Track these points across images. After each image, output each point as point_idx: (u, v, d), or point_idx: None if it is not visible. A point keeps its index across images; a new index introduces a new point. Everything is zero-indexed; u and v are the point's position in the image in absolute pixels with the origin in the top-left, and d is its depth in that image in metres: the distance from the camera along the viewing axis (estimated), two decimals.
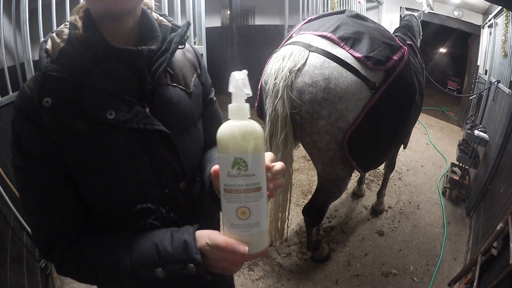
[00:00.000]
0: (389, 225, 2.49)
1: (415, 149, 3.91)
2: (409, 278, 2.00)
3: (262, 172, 0.43)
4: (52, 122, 0.51)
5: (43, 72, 0.51)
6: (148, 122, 0.54)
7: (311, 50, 1.37)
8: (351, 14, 1.55)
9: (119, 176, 0.55)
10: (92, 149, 0.52)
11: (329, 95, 1.32)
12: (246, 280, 1.93)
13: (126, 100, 0.53)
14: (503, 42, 3.13)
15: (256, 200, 0.43)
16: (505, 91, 2.74)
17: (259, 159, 0.43)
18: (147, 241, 0.51)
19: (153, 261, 0.49)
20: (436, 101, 6.13)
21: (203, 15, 2.30)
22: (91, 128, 0.52)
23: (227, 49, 5.13)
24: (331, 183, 1.63)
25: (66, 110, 0.51)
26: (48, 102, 0.50)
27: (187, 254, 0.47)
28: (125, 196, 0.57)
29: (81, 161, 0.53)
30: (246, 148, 0.42)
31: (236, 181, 0.42)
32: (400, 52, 1.42)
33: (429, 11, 4.34)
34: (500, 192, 2.02)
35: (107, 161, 0.54)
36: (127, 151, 0.54)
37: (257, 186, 0.42)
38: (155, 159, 0.57)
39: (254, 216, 0.43)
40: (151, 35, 0.57)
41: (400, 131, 1.59)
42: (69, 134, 0.51)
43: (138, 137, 0.55)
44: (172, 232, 0.52)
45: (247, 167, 0.42)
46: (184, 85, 0.63)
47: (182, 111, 0.62)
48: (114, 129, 0.53)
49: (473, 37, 4.86)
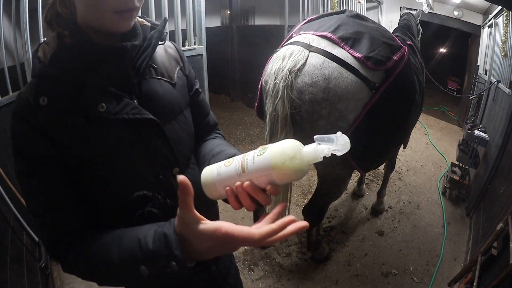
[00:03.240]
0: (389, 225, 2.49)
1: (415, 149, 3.91)
2: (409, 278, 2.00)
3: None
4: (49, 120, 0.54)
5: (39, 74, 0.55)
6: (137, 112, 0.58)
7: (311, 50, 1.37)
8: (351, 14, 1.55)
9: (115, 166, 0.58)
10: (88, 142, 0.56)
11: (329, 95, 1.32)
12: (246, 280, 1.93)
13: (115, 94, 0.57)
14: (503, 42, 3.13)
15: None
16: (505, 91, 2.74)
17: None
18: (132, 236, 0.50)
19: (136, 258, 0.47)
20: (436, 101, 6.12)
21: (203, 15, 2.30)
22: (86, 122, 0.55)
23: (227, 49, 5.13)
24: (331, 183, 1.63)
25: (61, 107, 0.54)
26: (44, 100, 0.53)
27: (167, 249, 0.45)
28: (123, 185, 0.60)
29: (79, 155, 0.56)
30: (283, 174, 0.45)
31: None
32: (400, 52, 1.42)
33: (429, 11, 4.34)
34: (500, 192, 2.02)
35: (103, 152, 0.57)
36: (121, 141, 0.58)
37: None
38: (148, 147, 0.61)
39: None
40: (133, 33, 0.61)
41: (400, 131, 1.59)
42: (66, 130, 0.54)
43: (130, 127, 0.58)
44: (156, 226, 0.50)
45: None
46: (168, 77, 0.68)
47: (168, 101, 0.66)
48: (107, 121, 0.56)
49: (473, 37, 4.86)
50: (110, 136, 0.57)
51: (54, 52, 0.55)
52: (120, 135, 0.58)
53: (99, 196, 0.60)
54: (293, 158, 0.45)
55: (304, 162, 0.45)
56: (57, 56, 0.55)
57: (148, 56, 0.62)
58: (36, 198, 0.55)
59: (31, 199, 0.56)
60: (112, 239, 0.52)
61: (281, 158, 0.45)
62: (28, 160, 0.54)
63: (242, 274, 1.97)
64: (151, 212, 0.62)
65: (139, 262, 0.47)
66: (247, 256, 2.11)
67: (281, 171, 0.44)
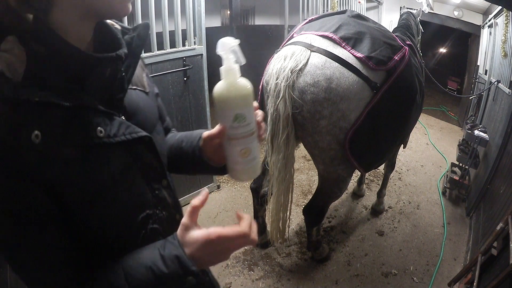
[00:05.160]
0: (389, 225, 2.49)
1: (415, 149, 3.91)
2: (409, 278, 2.00)
3: (254, 119, 0.55)
4: (43, 160, 0.42)
5: (14, 97, 0.40)
6: (131, 131, 0.53)
7: (312, 50, 1.37)
8: (352, 14, 1.55)
9: (120, 194, 0.52)
10: (88, 175, 0.47)
11: (331, 95, 1.32)
12: (246, 280, 1.93)
13: (106, 113, 0.50)
14: (503, 42, 3.13)
15: (252, 141, 0.55)
16: (505, 91, 2.74)
17: (252, 111, 0.54)
18: (140, 268, 0.49)
19: (151, 285, 0.48)
20: (436, 101, 6.13)
21: (203, 15, 2.29)
22: (82, 153, 0.46)
23: None
24: (332, 183, 1.64)
25: (55, 139, 0.43)
26: (38, 136, 0.41)
27: (183, 269, 0.48)
28: (128, 210, 0.55)
29: (79, 191, 0.47)
30: (244, 105, 0.52)
31: (237, 130, 0.53)
32: (401, 52, 1.42)
33: (429, 11, 4.34)
34: (500, 192, 2.03)
35: (105, 183, 0.50)
36: (121, 166, 0.52)
37: (252, 131, 0.55)
38: (143, 164, 0.57)
39: (252, 154, 0.56)
40: (111, 39, 0.55)
41: (401, 130, 1.60)
42: (60, 167, 0.44)
43: (126, 149, 0.53)
44: (159, 249, 0.50)
45: (245, 119, 0.52)
46: (141, 86, 0.64)
47: (148, 112, 0.63)
48: (105, 147, 0.49)
49: (473, 37, 4.87)
50: (111, 162, 0.50)
51: (27, 67, 0.42)
52: (119, 159, 0.52)
53: (105, 228, 0.53)
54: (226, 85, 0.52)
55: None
56: (34, 72, 0.42)
57: (133, 67, 0.56)
58: (33, 266, 0.46)
59: (25, 270, 0.47)
60: (117, 276, 0.50)
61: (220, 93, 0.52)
62: (17, 225, 0.43)
63: (242, 274, 1.97)
64: (154, 229, 0.59)
65: (155, 286, 0.48)
66: (247, 256, 2.11)
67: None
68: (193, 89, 2.34)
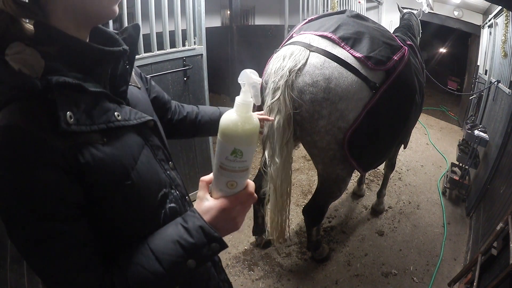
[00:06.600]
0: (389, 225, 2.49)
1: (415, 149, 3.91)
2: (409, 278, 2.00)
3: (251, 158, 0.53)
4: (75, 146, 0.45)
5: (55, 82, 0.43)
6: (140, 116, 0.59)
7: (311, 50, 1.37)
8: (352, 14, 1.55)
9: (140, 172, 0.56)
10: (114, 156, 0.51)
11: (330, 95, 1.32)
12: (246, 280, 1.93)
13: (117, 101, 0.56)
14: (503, 42, 3.13)
15: (242, 177, 0.54)
16: (505, 91, 2.74)
17: (252, 150, 0.53)
18: (168, 244, 0.53)
19: (182, 257, 0.52)
20: (436, 101, 6.12)
21: (203, 15, 2.29)
22: (107, 137, 0.51)
23: (227, 49, 5.13)
24: (332, 183, 1.63)
25: (84, 122, 0.47)
26: (71, 116, 0.44)
27: (208, 236, 0.52)
28: (150, 190, 0.59)
29: (107, 174, 0.49)
30: (246, 143, 0.51)
31: (232, 163, 0.51)
32: (400, 52, 1.42)
33: (429, 11, 4.34)
34: (500, 192, 2.02)
35: (129, 162, 0.54)
36: (137, 147, 0.58)
37: (246, 168, 0.53)
38: (153, 147, 0.63)
39: (238, 187, 0.55)
40: (107, 38, 0.59)
41: (401, 131, 1.59)
42: (92, 151, 0.47)
43: (137, 132, 0.59)
44: (181, 224, 0.54)
45: (242, 156, 0.51)
46: (134, 82, 0.70)
47: (146, 105, 0.69)
48: (123, 129, 0.55)
49: (473, 37, 4.86)
50: (130, 144, 0.55)
51: (46, 64, 0.45)
52: (135, 140, 0.58)
53: (127, 213, 0.55)
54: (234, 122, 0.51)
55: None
56: (52, 68, 0.45)
57: (132, 62, 0.62)
58: (59, 266, 0.46)
59: (50, 270, 0.46)
60: (147, 257, 0.51)
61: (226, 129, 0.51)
62: (48, 220, 0.44)
63: (242, 274, 1.97)
64: (172, 208, 0.63)
65: (185, 258, 0.52)
66: (247, 256, 2.11)
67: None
68: (193, 89, 2.35)
